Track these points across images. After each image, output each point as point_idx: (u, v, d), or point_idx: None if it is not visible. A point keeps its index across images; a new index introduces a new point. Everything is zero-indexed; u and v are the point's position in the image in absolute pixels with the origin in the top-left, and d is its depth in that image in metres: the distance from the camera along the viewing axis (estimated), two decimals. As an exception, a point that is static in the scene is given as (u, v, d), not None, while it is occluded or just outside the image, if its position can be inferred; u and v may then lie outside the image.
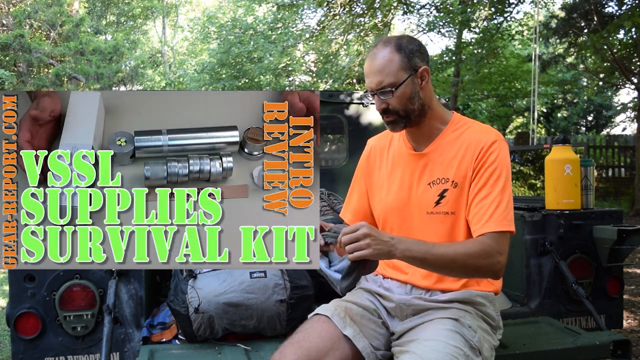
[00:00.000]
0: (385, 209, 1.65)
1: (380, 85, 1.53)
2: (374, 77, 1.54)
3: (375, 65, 1.54)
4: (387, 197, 1.65)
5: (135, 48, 17.70)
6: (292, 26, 14.43)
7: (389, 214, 1.64)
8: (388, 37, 1.60)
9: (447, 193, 1.54)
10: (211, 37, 16.24)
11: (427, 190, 1.57)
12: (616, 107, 17.28)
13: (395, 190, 1.63)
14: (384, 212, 1.65)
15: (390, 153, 1.70)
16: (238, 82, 14.39)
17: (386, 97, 1.53)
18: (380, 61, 1.53)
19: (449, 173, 1.55)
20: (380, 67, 1.53)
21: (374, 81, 1.54)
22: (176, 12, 22.36)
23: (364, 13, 10.05)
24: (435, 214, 1.55)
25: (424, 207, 1.57)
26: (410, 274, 1.59)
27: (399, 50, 1.53)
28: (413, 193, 1.59)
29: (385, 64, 1.52)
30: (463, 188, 1.53)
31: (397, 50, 1.53)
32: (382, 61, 1.53)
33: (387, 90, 1.52)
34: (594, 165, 2.35)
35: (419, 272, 1.56)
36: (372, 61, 1.55)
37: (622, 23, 7.61)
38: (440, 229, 1.54)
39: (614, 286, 2.24)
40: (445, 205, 1.54)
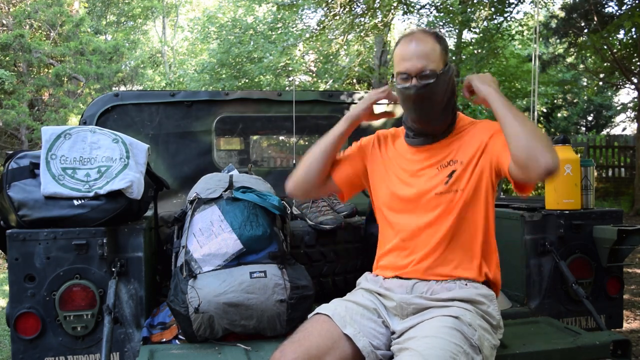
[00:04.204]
0: (392, 196, 1.69)
1: (424, 69, 1.54)
2: (418, 61, 1.54)
3: (420, 50, 1.54)
4: (394, 187, 1.68)
5: (135, 48, 17.67)
6: (292, 26, 14.40)
7: (396, 200, 1.68)
8: (423, 27, 1.61)
9: (455, 173, 1.60)
10: (211, 37, 16.22)
11: (436, 174, 1.62)
12: (616, 107, 17.28)
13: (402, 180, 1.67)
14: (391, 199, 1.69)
15: (397, 146, 1.75)
16: (238, 82, 14.36)
17: (428, 80, 1.54)
18: (424, 46, 1.54)
19: (457, 156, 1.62)
20: (425, 53, 1.54)
21: (417, 65, 1.54)
22: (176, 12, 22.34)
23: (364, 13, 10.04)
24: (445, 193, 1.60)
25: (433, 189, 1.61)
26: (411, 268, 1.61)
27: (440, 42, 1.57)
28: (422, 179, 1.64)
29: (430, 51, 1.54)
30: (469, 166, 1.59)
31: (438, 41, 1.57)
32: (426, 46, 1.54)
33: (429, 74, 1.54)
34: (594, 165, 2.35)
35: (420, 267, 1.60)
36: (415, 44, 1.55)
37: (622, 23, 7.60)
38: (449, 207, 1.59)
39: (614, 286, 2.24)
40: (454, 184, 1.59)
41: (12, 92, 10.51)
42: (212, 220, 1.93)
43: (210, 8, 18.69)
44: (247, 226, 1.91)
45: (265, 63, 13.03)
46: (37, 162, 1.87)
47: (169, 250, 2.14)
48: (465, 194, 1.59)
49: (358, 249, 2.37)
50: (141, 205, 2.02)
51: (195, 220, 1.95)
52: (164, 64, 20.75)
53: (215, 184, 2.07)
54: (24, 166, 1.89)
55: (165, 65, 20.62)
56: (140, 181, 1.93)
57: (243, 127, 3.20)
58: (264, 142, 4.21)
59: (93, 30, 14.54)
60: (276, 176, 2.89)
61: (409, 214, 1.64)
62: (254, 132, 3.57)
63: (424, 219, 1.62)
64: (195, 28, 18.26)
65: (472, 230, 1.61)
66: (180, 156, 2.80)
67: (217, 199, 2.00)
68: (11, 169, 1.89)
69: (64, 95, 11.55)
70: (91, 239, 1.82)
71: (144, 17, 20.45)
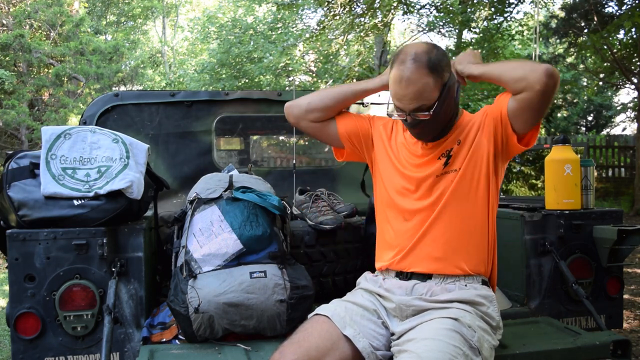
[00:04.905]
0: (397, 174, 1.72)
1: (417, 108, 1.55)
2: (410, 103, 1.54)
3: (409, 90, 1.53)
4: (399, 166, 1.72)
5: (135, 48, 17.67)
6: (292, 26, 14.41)
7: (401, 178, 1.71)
8: (417, 50, 1.54)
9: (453, 152, 1.64)
10: (211, 37, 16.22)
11: (437, 162, 1.65)
12: (616, 107, 17.27)
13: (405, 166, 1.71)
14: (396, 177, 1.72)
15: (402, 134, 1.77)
16: (238, 82, 14.36)
17: (422, 117, 1.56)
18: (414, 86, 1.52)
19: (455, 142, 1.65)
20: (417, 92, 1.53)
21: (410, 106, 1.55)
22: (176, 12, 22.34)
23: (364, 13, 10.04)
24: (444, 174, 1.64)
25: (434, 172, 1.65)
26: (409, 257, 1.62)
27: (433, 71, 1.52)
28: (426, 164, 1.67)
29: (421, 90, 1.52)
30: (465, 142, 1.63)
31: (430, 72, 1.52)
32: (416, 86, 1.52)
33: (423, 113, 1.55)
34: (594, 165, 2.35)
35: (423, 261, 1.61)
36: (406, 85, 1.53)
37: (622, 23, 7.60)
38: (450, 187, 1.62)
39: (614, 286, 2.24)
40: (452, 164, 1.63)
41: (12, 92, 10.51)
42: (212, 220, 1.93)
43: (210, 8, 18.70)
44: (247, 226, 1.91)
45: (265, 63, 13.03)
46: (37, 162, 1.87)
47: (169, 250, 2.14)
48: (459, 172, 1.62)
49: (358, 249, 2.37)
50: (141, 205, 2.02)
51: (195, 220, 1.95)
52: (164, 64, 20.75)
53: (215, 184, 2.07)
54: (24, 166, 1.89)
55: (165, 65, 20.62)
56: (140, 181, 1.93)
57: (243, 127, 3.20)
58: (264, 142, 4.21)
59: (93, 30, 14.54)
60: (276, 176, 2.89)
61: (413, 193, 1.67)
62: (254, 132, 3.57)
63: (424, 202, 1.64)
64: (195, 28, 18.27)
65: (471, 214, 1.62)
66: (180, 156, 2.80)
67: (217, 199, 2.00)
68: (11, 169, 1.89)
69: (64, 95, 11.55)
70: (91, 239, 1.82)
71: (144, 17, 20.45)
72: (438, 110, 1.55)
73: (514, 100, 1.55)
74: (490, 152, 1.62)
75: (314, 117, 1.83)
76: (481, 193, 1.62)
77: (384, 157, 1.76)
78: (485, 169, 1.62)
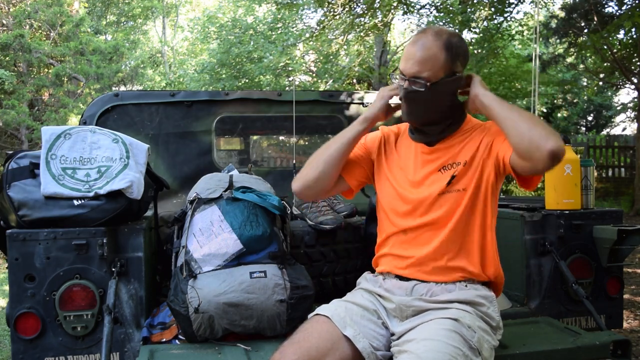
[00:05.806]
0: (394, 196, 1.68)
1: (417, 75, 1.52)
2: (414, 65, 1.52)
3: (419, 54, 1.52)
4: (397, 188, 1.67)
5: (135, 48, 17.66)
6: (292, 26, 14.40)
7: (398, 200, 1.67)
8: (441, 28, 1.55)
9: (458, 173, 1.59)
10: (211, 37, 16.21)
11: (439, 176, 1.61)
12: (616, 107, 17.27)
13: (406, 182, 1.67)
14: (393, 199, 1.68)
15: (401, 145, 1.73)
16: (238, 82, 14.36)
17: (418, 87, 1.53)
18: (425, 52, 1.51)
19: (459, 157, 1.61)
20: (424, 59, 1.51)
21: (412, 69, 1.52)
22: (176, 12, 22.33)
23: (364, 13, 10.03)
24: (447, 192, 1.59)
25: (435, 190, 1.60)
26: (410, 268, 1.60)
27: (448, 50, 1.52)
28: (425, 183, 1.63)
29: (429, 58, 1.51)
30: (471, 165, 1.59)
31: (445, 49, 1.51)
32: (427, 53, 1.51)
33: (420, 82, 1.52)
34: (594, 165, 2.35)
35: (423, 266, 1.59)
36: (418, 48, 1.52)
37: (622, 23, 7.60)
38: (453, 206, 1.58)
39: (614, 286, 2.24)
40: (457, 184, 1.59)
41: (12, 92, 10.51)
42: (212, 220, 1.93)
43: (210, 8, 18.69)
44: (247, 226, 1.91)
45: (265, 63, 13.03)
46: (37, 162, 1.87)
47: (169, 250, 2.14)
48: (467, 193, 1.59)
49: (358, 249, 2.37)
50: (141, 205, 2.02)
51: (195, 220, 1.95)
52: (164, 64, 20.74)
53: (215, 184, 2.07)
54: (24, 166, 1.89)
55: (165, 65, 20.62)
56: (140, 181, 1.93)
57: (243, 127, 3.20)
58: (264, 142, 4.21)
59: (93, 30, 14.53)
60: (276, 176, 2.89)
61: (412, 213, 1.64)
62: (254, 132, 3.57)
63: (425, 218, 1.61)
64: (195, 28, 18.25)
65: (473, 230, 1.61)
66: (180, 156, 2.80)
67: (217, 199, 2.00)
68: (11, 169, 1.89)
69: (64, 95, 11.54)
70: (91, 239, 1.82)
71: (144, 17, 20.44)
72: (434, 89, 1.52)
73: (516, 157, 1.47)
74: (497, 171, 1.60)
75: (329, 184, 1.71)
76: (484, 208, 1.61)
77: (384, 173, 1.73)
78: (486, 186, 1.61)
